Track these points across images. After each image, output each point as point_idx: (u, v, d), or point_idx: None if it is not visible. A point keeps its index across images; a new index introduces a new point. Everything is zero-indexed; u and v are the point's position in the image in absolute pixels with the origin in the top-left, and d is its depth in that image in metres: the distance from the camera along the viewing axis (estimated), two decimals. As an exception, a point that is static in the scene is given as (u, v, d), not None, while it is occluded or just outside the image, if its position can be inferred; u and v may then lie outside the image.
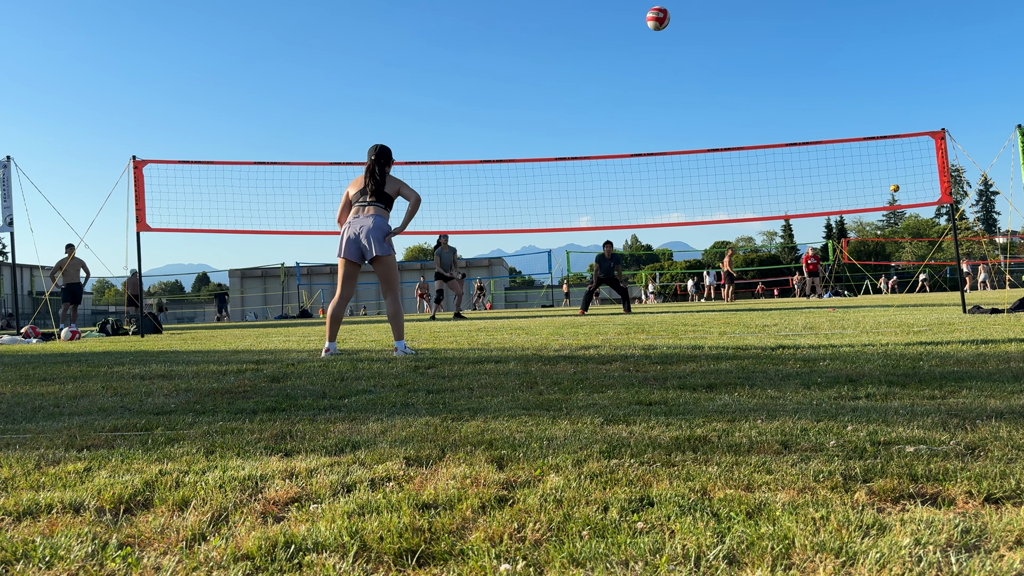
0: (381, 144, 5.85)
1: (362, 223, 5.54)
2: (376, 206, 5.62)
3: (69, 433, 2.48)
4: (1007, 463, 1.71)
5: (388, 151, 5.85)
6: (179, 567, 1.28)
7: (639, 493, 1.58)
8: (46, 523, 1.52)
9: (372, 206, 5.61)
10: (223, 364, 4.94)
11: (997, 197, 71.69)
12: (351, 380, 3.78)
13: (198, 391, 3.53)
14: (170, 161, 10.83)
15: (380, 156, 5.75)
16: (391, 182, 5.73)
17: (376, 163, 5.71)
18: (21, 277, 38.67)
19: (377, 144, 5.88)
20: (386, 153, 5.81)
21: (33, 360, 6.11)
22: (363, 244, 5.52)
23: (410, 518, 1.46)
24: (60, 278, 14.93)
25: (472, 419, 2.53)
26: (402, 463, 1.92)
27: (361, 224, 5.54)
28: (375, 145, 5.85)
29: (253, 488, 1.73)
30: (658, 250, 77.46)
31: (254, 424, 2.57)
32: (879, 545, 1.25)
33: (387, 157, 5.81)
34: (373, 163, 5.72)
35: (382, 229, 5.54)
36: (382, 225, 5.57)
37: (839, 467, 1.72)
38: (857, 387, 2.95)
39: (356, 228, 5.55)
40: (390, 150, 5.88)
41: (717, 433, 2.14)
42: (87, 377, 4.39)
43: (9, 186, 11.85)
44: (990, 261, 32.49)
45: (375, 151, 5.77)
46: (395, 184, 5.73)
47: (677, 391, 3.01)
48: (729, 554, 1.24)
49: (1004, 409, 2.36)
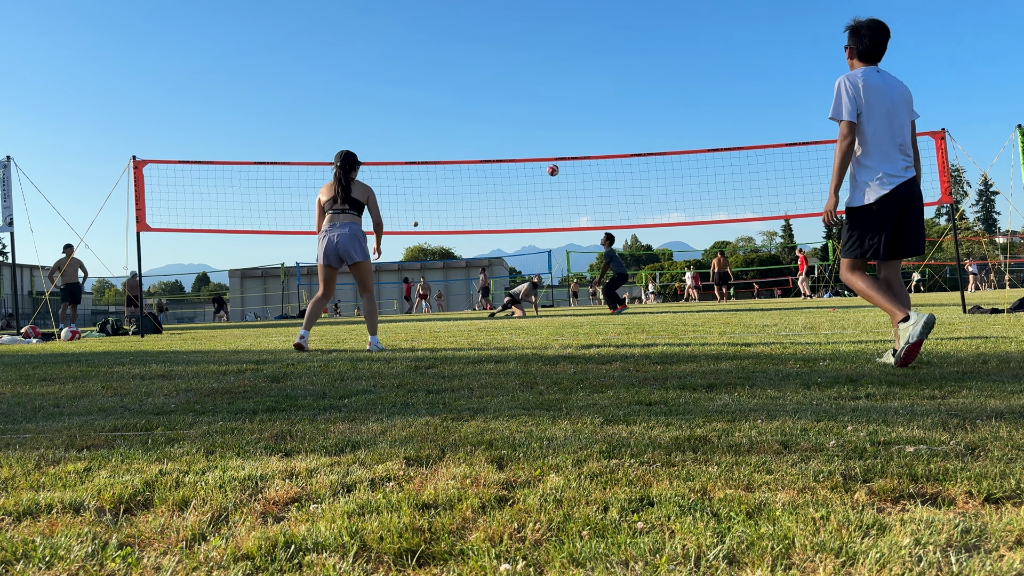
0: (346, 150, 6.17)
1: (338, 231, 5.99)
2: (349, 214, 6.06)
3: (69, 433, 2.48)
4: (1007, 463, 1.71)
5: (353, 157, 6.17)
6: (179, 567, 1.28)
7: (639, 493, 1.58)
8: (46, 523, 1.52)
9: (345, 214, 6.05)
10: (223, 364, 4.94)
11: (997, 197, 71.72)
12: (351, 380, 3.78)
13: (198, 391, 3.53)
14: (170, 161, 10.83)
15: (345, 162, 6.11)
16: (360, 188, 6.12)
17: (342, 170, 6.07)
18: (21, 277, 38.67)
19: (343, 151, 6.18)
20: (351, 159, 6.15)
21: (33, 360, 6.11)
22: (341, 252, 6.00)
23: (410, 518, 1.46)
24: (59, 278, 14.93)
25: (472, 419, 2.53)
26: (402, 463, 1.92)
27: (338, 233, 5.98)
28: (340, 152, 6.16)
29: (253, 488, 1.73)
30: (658, 250, 77.48)
31: (254, 424, 2.57)
32: (879, 545, 1.25)
33: (352, 163, 6.15)
34: (339, 170, 6.08)
35: (357, 236, 6.01)
36: (357, 232, 6.03)
37: (839, 467, 1.72)
38: (857, 387, 2.95)
39: (333, 236, 5.99)
40: (355, 155, 6.20)
41: (717, 433, 2.14)
42: (87, 377, 4.39)
43: (9, 186, 11.85)
44: (990, 261, 32.49)
45: (340, 157, 6.11)
46: (364, 191, 6.13)
47: (677, 391, 3.01)
48: (729, 554, 1.24)
49: (1004, 409, 2.36)
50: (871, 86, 3.82)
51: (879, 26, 3.89)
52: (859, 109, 3.83)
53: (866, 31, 3.89)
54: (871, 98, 3.81)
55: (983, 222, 71.52)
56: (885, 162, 3.83)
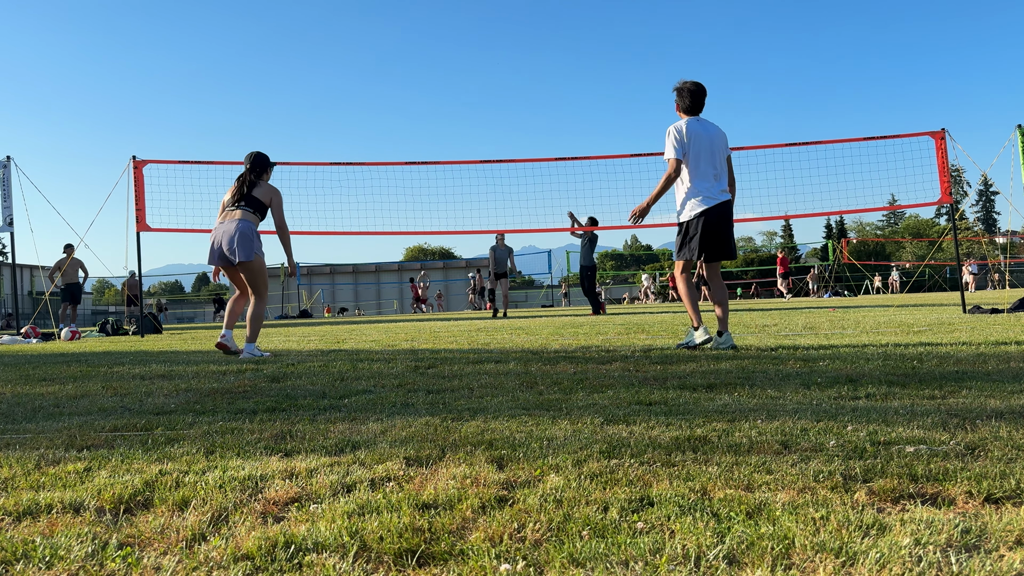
0: (256, 152, 5.96)
1: (225, 229, 5.69)
2: (244, 210, 5.73)
3: (69, 433, 2.48)
4: (1007, 463, 1.71)
5: (264, 159, 5.94)
6: (179, 567, 1.28)
7: (639, 493, 1.58)
8: (46, 523, 1.52)
9: (239, 210, 5.73)
10: (223, 364, 4.94)
11: (997, 197, 71.71)
12: (351, 380, 3.78)
13: (198, 391, 3.53)
14: (170, 161, 10.83)
15: (255, 164, 5.86)
16: (265, 188, 5.84)
17: (251, 171, 5.85)
18: (21, 277, 38.66)
19: (252, 152, 5.96)
20: (261, 161, 5.91)
21: (33, 360, 6.11)
22: (225, 251, 5.67)
23: (410, 518, 1.46)
24: (59, 278, 14.93)
25: (472, 419, 2.53)
26: (402, 463, 1.92)
27: (224, 230, 5.69)
28: (251, 153, 5.94)
29: (253, 488, 1.73)
30: (658, 250, 77.45)
31: (254, 424, 2.57)
32: (879, 545, 1.25)
33: (263, 165, 5.91)
34: (248, 171, 5.85)
35: (246, 235, 5.63)
36: (246, 230, 5.65)
37: (839, 467, 1.72)
38: (857, 387, 2.95)
39: (219, 235, 5.70)
40: (266, 157, 5.97)
41: (717, 433, 2.14)
42: (87, 377, 4.39)
43: (9, 186, 11.85)
44: (990, 261, 32.49)
45: (250, 159, 5.89)
46: (269, 192, 5.85)
47: (677, 391, 3.01)
48: (729, 554, 1.24)
49: (1004, 409, 2.36)
50: (693, 132, 4.93)
51: (698, 88, 5.01)
52: (685, 150, 4.91)
53: (687, 93, 5.00)
54: (693, 140, 4.91)
55: (983, 222, 71.53)
56: (704, 187, 4.91)
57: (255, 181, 5.83)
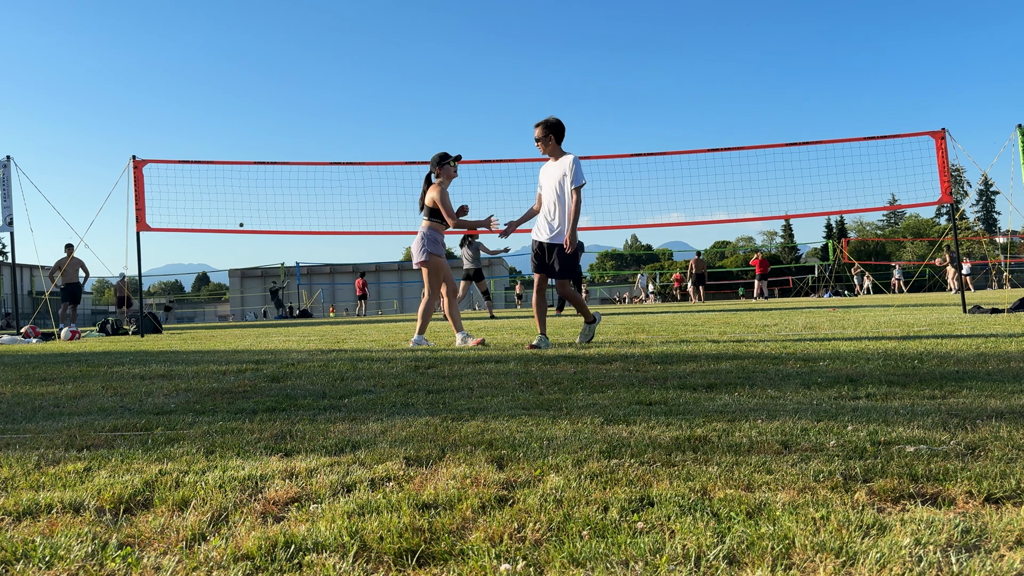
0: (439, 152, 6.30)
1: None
2: (421, 216, 6.21)
3: (69, 433, 2.48)
4: (1007, 463, 1.71)
5: (435, 159, 6.17)
6: (179, 567, 1.28)
7: (639, 493, 1.58)
8: (46, 523, 1.52)
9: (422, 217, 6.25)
10: (223, 364, 4.94)
11: (997, 197, 71.70)
12: (351, 380, 3.78)
13: (198, 391, 3.53)
14: (170, 161, 10.83)
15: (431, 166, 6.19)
16: (426, 189, 6.19)
17: (428, 175, 6.23)
18: (21, 277, 38.65)
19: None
20: (432, 161, 6.17)
21: (33, 360, 6.11)
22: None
23: (410, 518, 1.46)
24: (59, 278, 14.93)
25: (472, 419, 2.53)
26: (402, 463, 1.92)
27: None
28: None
29: (253, 488, 1.73)
30: (658, 250, 77.38)
31: (254, 424, 2.57)
32: (879, 545, 1.25)
33: (432, 165, 6.18)
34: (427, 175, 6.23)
35: (418, 239, 6.11)
36: (419, 234, 6.13)
37: (839, 467, 1.72)
38: (857, 387, 2.95)
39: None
40: (438, 156, 6.17)
41: (717, 433, 2.14)
42: (87, 377, 4.39)
43: (9, 186, 11.85)
44: (990, 261, 32.48)
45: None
46: (429, 193, 6.14)
47: (677, 391, 3.01)
48: (729, 554, 1.24)
49: (1004, 409, 2.36)
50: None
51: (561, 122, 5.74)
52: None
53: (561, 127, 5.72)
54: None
55: (983, 222, 71.51)
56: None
57: (426, 185, 6.16)
